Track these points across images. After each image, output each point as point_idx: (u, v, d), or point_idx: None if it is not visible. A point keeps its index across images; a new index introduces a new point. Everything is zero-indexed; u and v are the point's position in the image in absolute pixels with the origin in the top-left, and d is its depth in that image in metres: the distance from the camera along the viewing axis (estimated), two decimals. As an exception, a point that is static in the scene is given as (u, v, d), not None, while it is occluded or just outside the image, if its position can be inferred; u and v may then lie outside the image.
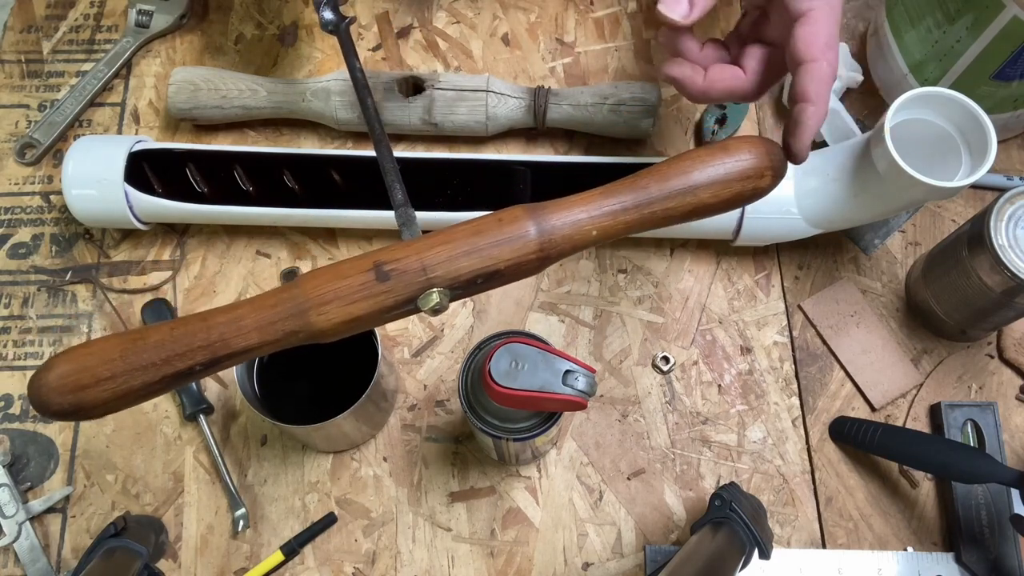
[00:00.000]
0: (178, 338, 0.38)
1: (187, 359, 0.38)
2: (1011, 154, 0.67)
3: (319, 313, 0.39)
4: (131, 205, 0.61)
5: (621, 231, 0.42)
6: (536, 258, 0.40)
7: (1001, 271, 0.52)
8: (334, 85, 0.65)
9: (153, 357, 0.38)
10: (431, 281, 0.39)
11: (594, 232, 0.41)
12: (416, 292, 0.39)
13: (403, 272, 0.39)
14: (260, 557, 0.57)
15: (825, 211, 0.58)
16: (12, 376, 0.62)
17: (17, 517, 0.57)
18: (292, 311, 0.39)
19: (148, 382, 0.38)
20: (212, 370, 0.39)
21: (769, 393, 0.61)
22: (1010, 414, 0.60)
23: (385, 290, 0.39)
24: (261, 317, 0.39)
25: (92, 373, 0.37)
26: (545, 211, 0.41)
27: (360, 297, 0.39)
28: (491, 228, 0.40)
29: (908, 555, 0.56)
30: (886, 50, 0.66)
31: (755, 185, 0.43)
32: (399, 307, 0.40)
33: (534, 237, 0.40)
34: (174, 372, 0.38)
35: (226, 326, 0.38)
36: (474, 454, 0.60)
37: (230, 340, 0.38)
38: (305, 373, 0.57)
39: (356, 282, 0.39)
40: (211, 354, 0.38)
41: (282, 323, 0.39)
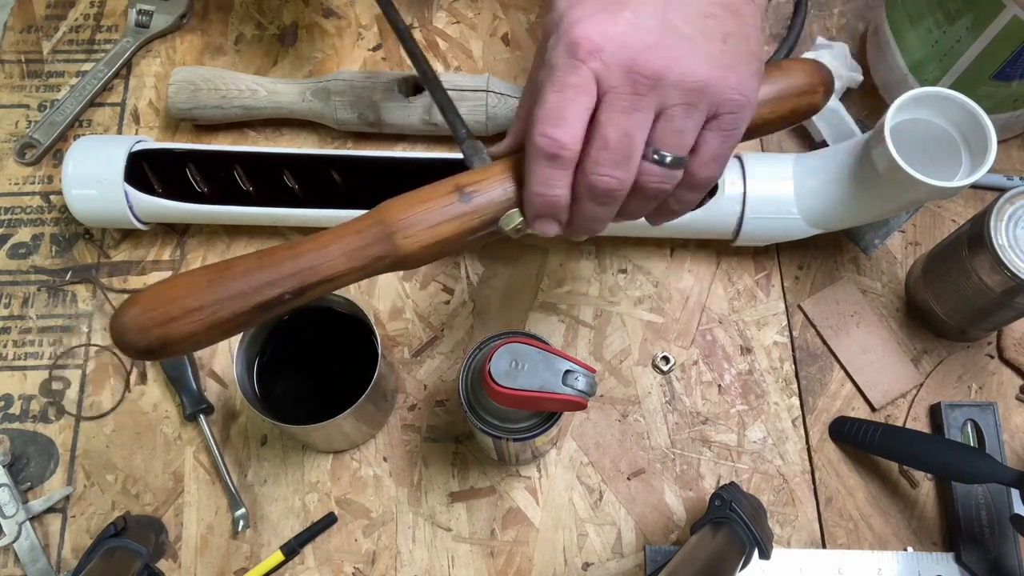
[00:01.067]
0: (266, 266, 0.38)
1: (276, 287, 0.38)
2: (1011, 154, 0.67)
3: (405, 236, 0.39)
4: (131, 205, 0.61)
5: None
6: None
7: (1001, 271, 0.52)
8: (334, 85, 0.65)
9: (242, 286, 0.37)
10: (514, 200, 0.40)
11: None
12: (500, 212, 0.40)
13: (485, 193, 0.40)
14: (260, 557, 0.57)
15: (825, 211, 0.58)
16: (12, 376, 0.62)
17: (17, 517, 0.57)
18: (378, 236, 0.39)
19: (238, 311, 0.37)
20: (301, 299, 0.39)
21: (769, 393, 0.61)
22: (1010, 414, 0.60)
23: (469, 211, 0.40)
24: (347, 243, 0.39)
25: (180, 304, 0.36)
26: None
27: (445, 219, 0.39)
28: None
29: (908, 555, 0.56)
30: (886, 50, 0.66)
31: (810, 100, 0.45)
32: (483, 227, 0.40)
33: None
34: (264, 301, 0.38)
35: (313, 253, 0.38)
36: (474, 454, 0.60)
37: (318, 267, 0.38)
38: (305, 373, 0.57)
39: (440, 204, 0.39)
40: (300, 282, 0.38)
41: (369, 248, 0.39)
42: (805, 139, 0.68)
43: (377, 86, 0.65)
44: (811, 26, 0.73)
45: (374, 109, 0.65)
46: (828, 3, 0.74)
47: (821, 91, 0.45)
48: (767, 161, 0.60)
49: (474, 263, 0.65)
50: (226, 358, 0.63)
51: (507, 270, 0.65)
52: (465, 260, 0.65)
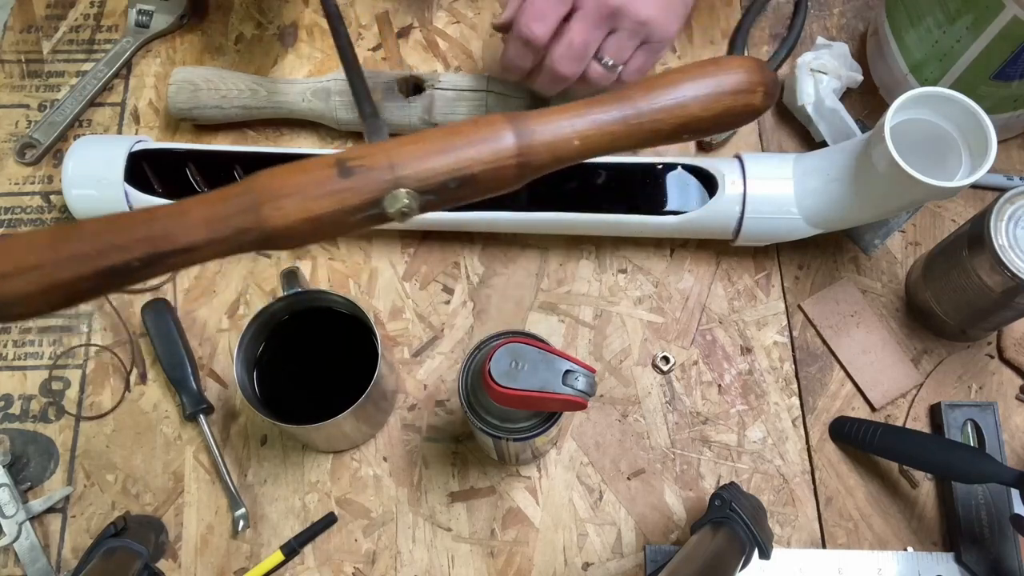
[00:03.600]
0: (117, 229, 0.34)
1: (125, 252, 0.34)
2: (1011, 154, 0.67)
3: (274, 208, 0.35)
4: (131, 205, 0.61)
5: (606, 144, 0.40)
6: (515, 164, 0.38)
7: (1001, 271, 0.52)
8: (334, 85, 0.65)
9: (87, 247, 0.34)
10: (399, 180, 0.36)
11: (576, 142, 0.39)
12: (382, 191, 0.36)
13: (369, 169, 0.36)
14: (260, 557, 0.57)
15: (825, 211, 0.58)
16: (12, 376, 0.62)
17: (17, 517, 0.57)
18: (245, 205, 0.35)
19: (80, 275, 0.34)
20: (153, 270, 0.35)
21: (769, 393, 0.61)
22: (1010, 414, 0.60)
23: (348, 187, 0.36)
24: (211, 211, 0.35)
25: (15, 260, 0.33)
26: (526, 118, 0.39)
27: (321, 193, 0.35)
28: (467, 130, 0.38)
29: (908, 555, 0.56)
30: (886, 50, 0.66)
31: (747, 101, 0.41)
32: (364, 208, 0.36)
33: (513, 142, 0.38)
34: (109, 266, 0.34)
35: (170, 219, 0.35)
36: (474, 454, 0.60)
37: (174, 235, 0.35)
38: (305, 373, 0.57)
39: (317, 177, 0.36)
40: (151, 248, 0.34)
41: (233, 218, 0.35)
42: (805, 139, 0.68)
43: (377, 86, 0.65)
44: (811, 26, 0.73)
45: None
46: (828, 3, 0.74)
47: (760, 91, 0.41)
48: (767, 161, 0.60)
49: (474, 263, 0.65)
50: (226, 358, 0.63)
51: (507, 270, 0.65)
52: (465, 260, 0.65)
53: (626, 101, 0.40)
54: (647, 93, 0.40)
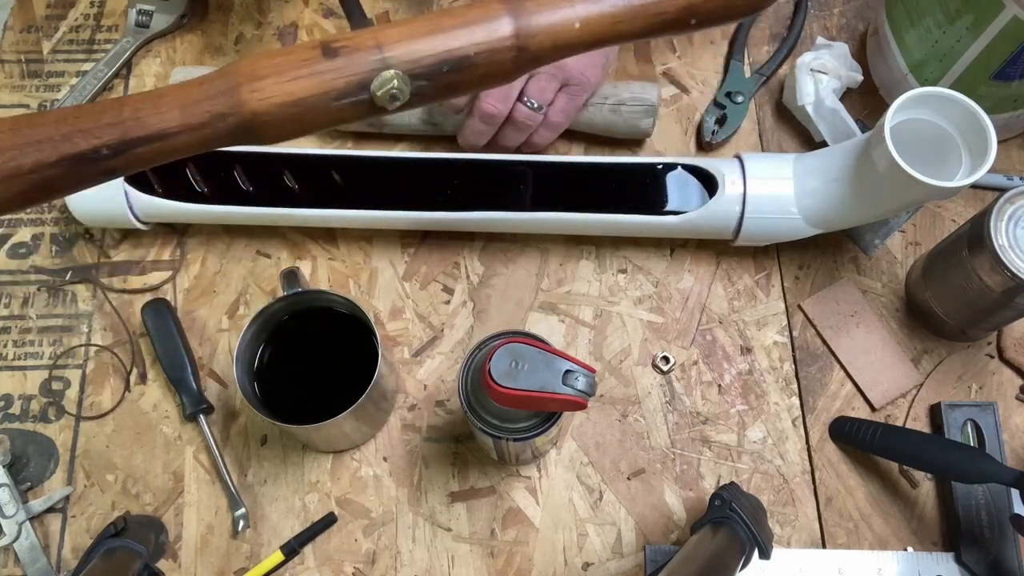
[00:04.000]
0: (84, 112, 0.32)
1: (91, 137, 0.32)
2: (1011, 154, 0.67)
3: (252, 90, 0.33)
4: (131, 205, 0.61)
5: (607, 28, 0.37)
6: (512, 46, 0.36)
7: (1001, 271, 0.52)
8: None
9: (51, 132, 0.32)
10: (387, 60, 0.34)
11: (577, 25, 0.36)
12: (370, 73, 0.34)
13: (355, 49, 0.34)
14: (260, 557, 0.57)
15: (825, 211, 0.58)
16: (12, 376, 0.62)
17: (17, 517, 0.57)
18: (222, 88, 0.33)
19: (42, 162, 0.32)
20: (123, 159, 0.33)
21: (769, 393, 0.61)
22: (1010, 414, 0.60)
23: (333, 67, 0.34)
24: (185, 94, 0.33)
25: None
26: (523, 1, 0.36)
27: (302, 74, 0.33)
28: (461, 11, 0.36)
29: (908, 555, 0.56)
30: (886, 50, 0.66)
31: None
32: (350, 92, 0.34)
33: (509, 23, 0.36)
34: (75, 153, 0.32)
35: (143, 103, 0.33)
36: (474, 454, 0.60)
37: (146, 119, 0.33)
38: (305, 373, 0.57)
39: (299, 57, 0.34)
40: (121, 134, 0.32)
41: (209, 102, 0.33)
42: (805, 139, 0.68)
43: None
44: (811, 26, 0.73)
45: None
46: (828, 3, 0.74)
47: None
48: (767, 161, 0.60)
49: (474, 263, 0.65)
50: (226, 358, 0.63)
51: (507, 270, 0.65)
52: (465, 260, 0.65)
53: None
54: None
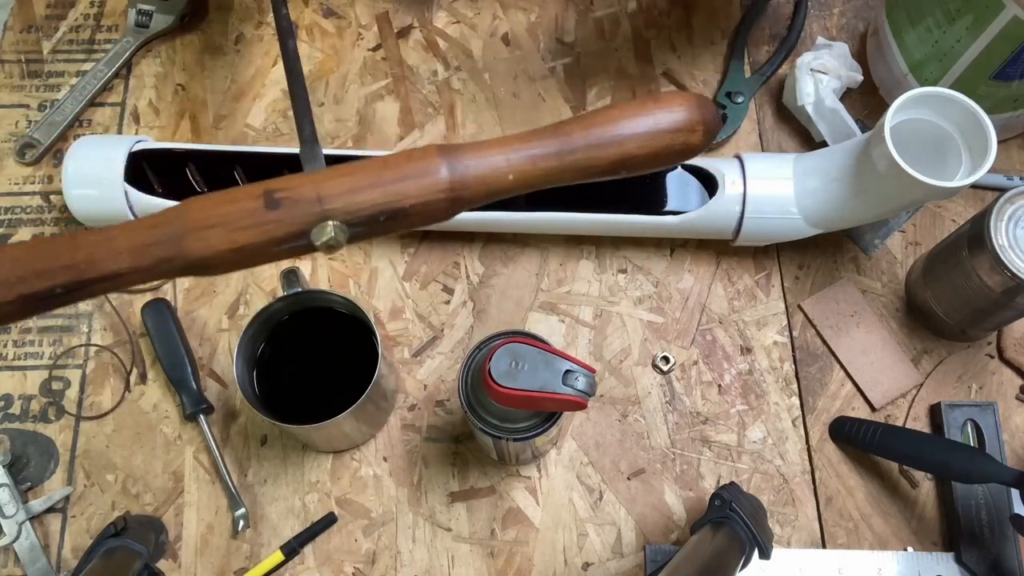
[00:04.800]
0: (40, 255, 0.34)
1: (47, 279, 0.34)
2: (1011, 154, 0.67)
3: (197, 239, 0.35)
4: (131, 205, 0.61)
5: (540, 179, 0.39)
6: (446, 198, 0.37)
7: (1001, 271, 0.52)
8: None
9: (8, 273, 0.34)
10: (326, 212, 0.36)
11: (511, 176, 0.38)
12: (309, 224, 0.36)
13: (296, 201, 0.36)
14: (260, 557, 0.57)
15: (825, 211, 0.58)
16: (12, 376, 0.62)
17: (17, 517, 0.57)
18: (170, 234, 0.35)
19: (1, 300, 0.34)
20: (76, 296, 0.35)
21: (769, 393, 0.61)
22: (1010, 414, 0.60)
23: (274, 219, 0.35)
24: (135, 239, 0.35)
25: None
26: (459, 151, 0.38)
27: (246, 224, 0.35)
28: (398, 163, 0.37)
29: (908, 555, 0.56)
30: (886, 50, 0.66)
31: (686, 140, 0.40)
32: (289, 239, 0.36)
33: (445, 176, 0.37)
34: (31, 292, 0.34)
35: (95, 246, 0.35)
36: (474, 454, 0.60)
37: (98, 261, 0.35)
38: (305, 373, 0.57)
39: (243, 208, 0.35)
40: (75, 275, 0.34)
41: (158, 247, 0.35)
42: (805, 139, 0.68)
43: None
44: (811, 26, 0.73)
45: None
46: (828, 3, 0.74)
47: (700, 131, 0.40)
48: (767, 161, 0.60)
49: (474, 263, 0.65)
50: (226, 358, 0.63)
51: (507, 270, 0.65)
52: (465, 260, 0.65)
53: (562, 136, 0.39)
54: (585, 129, 0.39)
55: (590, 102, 0.70)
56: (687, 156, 0.41)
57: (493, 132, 0.69)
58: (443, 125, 0.70)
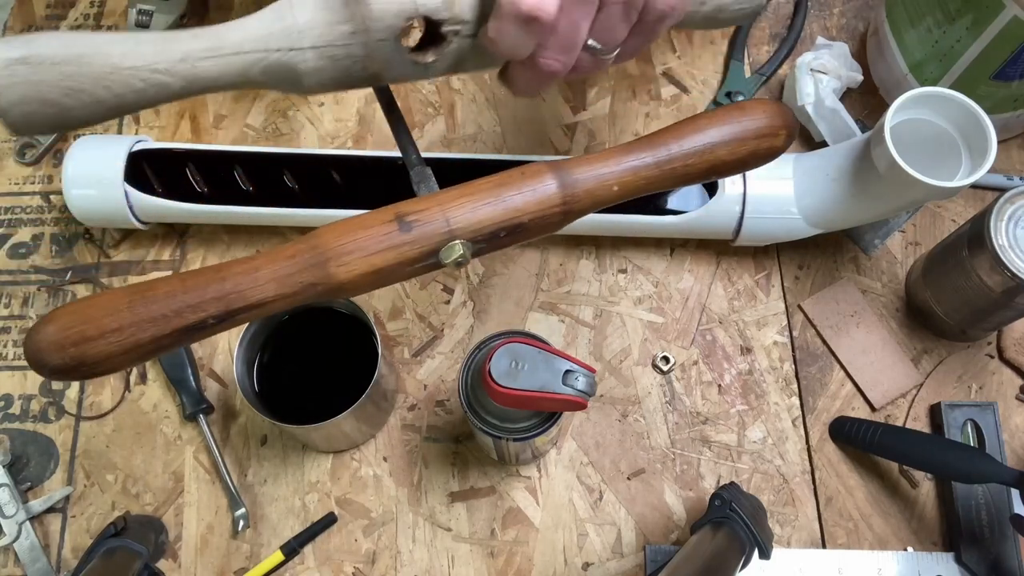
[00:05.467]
0: (190, 289, 0.36)
1: (199, 311, 0.36)
2: (1011, 154, 0.67)
3: (339, 264, 0.37)
4: (131, 205, 0.61)
5: (642, 187, 0.42)
6: (560, 211, 0.40)
7: (1001, 271, 0.52)
8: (300, 58, 0.41)
9: (163, 308, 0.36)
10: (453, 233, 0.39)
11: (615, 187, 0.41)
12: (439, 244, 0.39)
13: (426, 223, 0.38)
14: (260, 557, 0.57)
15: (825, 211, 0.58)
16: (12, 376, 0.62)
17: (17, 517, 0.57)
18: (311, 262, 0.37)
19: (158, 335, 0.36)
20: (226, 324, 0.37)
21: (769, 393, 0.61)
22: (1010, 414, 0.60)
23: (408, 241, 0.38)
24: (278, 268, 0.37)
25: (97, 325, 0.35)
26: (567, 166, 0.41)
27: (382, 248, 0.38)
28: (514, 181, 0.40)
29: (908, 555, 0.56)
30: (886, 50, 0.66)
31: (770, 144, 0.44)
32: (422, 259, 0.39)
33: (557, 191, 0.40)
34: (185, 325, 0.36)
35: (241, 277, 0.37)
36: (474, 454, 0.60)
37: (245, 292, 0.37)
38: (305, 373, 0.57)
39: (378, 233, 0.38)
40: (225, 306, 0.36)
41: (300, 274, 0.37)
42: (805, 139, 0.68)
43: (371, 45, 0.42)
44: (811, 26, 0.73)
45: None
46: (828, 3, 0.74)
47: (783, 134, 0.44)
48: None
49: (474, 263, 0.65)
50: (226, 358, 0.63)
51: (507, 270, 0.65)
52: (465, 260, 0.65)
53: (660, 146, 0.42)
54: (679, 139, 0.42)
55: (590, 102, 0.70)
56: (771, 158, 0.44)
57: (493, 132, 0.69)
58: (443, 125, 0.70)
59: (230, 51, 0.42)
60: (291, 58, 0.41)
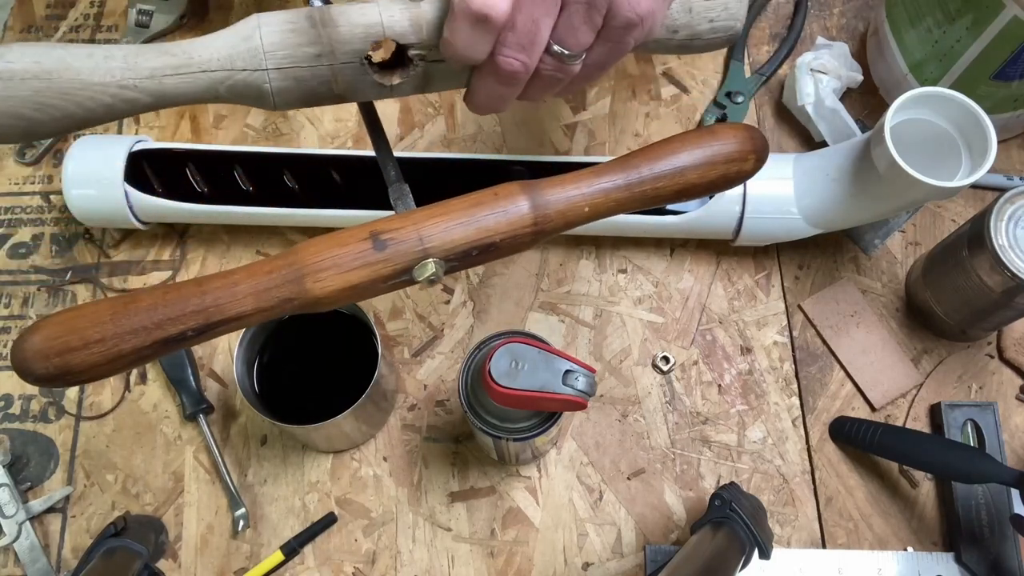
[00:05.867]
0: (171, 302, 0.37)
1: (179, 324, 0.37)
2: (1011, 154, 0.67)
3: (315, 280, 0.38)
4: (131, 205, 0.61)
5: (612, 208, 0.43)
6: (531, 232, 0.41)
7: (1001, 271, 0.52)
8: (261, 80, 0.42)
9: (145, 321, 0.37)
10: (427, 251, 0.40)
11: (586, 208, 0.42)
12: (412, 262, 0.40)
13: (400, 242, 0.39)
14: (260, 557, 0.57)
15: (825, 211, 0.58)
16: (12, 376, 0.62)
17: (17, 517, 0.57)
18: (288, 278, 0.38)
19: (139, 346, 0.37)
20: (204, 337, 0.38)
21: (769, 393, 0.61)
22: (1010, 414, 0.60)
23: (382, 259, 0.39)
24: (256, 283, 0.38)
25: (81, 335, 0.36)
26: (540, 187, 0.42)
27: (357, 265, 0.39)
28: (487, 201, 0.41)
29: (908, 555, 0.56)
30: (886, 50, 0.66)
31: (739, 168, 0.44)
32: (395, 276, 0.40)
33: (528, 211, 0.41)
34: (165, 337, 0.37)
35: (220, 291, 0.38)
36: (474, 454, 0.60)
37: (224, 306, 0.38)
38: (305, 373, 0.57)
39: (353, 250, 0.39)
40: (204, 319, 0.38)
41: (277, 290, 0.38)
42: (805, 139, 0.68)
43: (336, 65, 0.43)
44: (811, 26, 0.73)
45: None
46: (828, 3, 0.74)
47: (752, 159, 0.44)
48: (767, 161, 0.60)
49: (474, 263, 0.65)
50: (226, 358, 0.63)
51: (507, 270, 0.65)
52: (465, 260, 0.65)
53: (631, 169, 0.43)
54: (650, 162, 0.43)
55: (590, 102, 0.70)
56: (740, 182, 0.45)
57: (493, 132, 0.69)
58: (443, 125, 0.70)
59: (197, 69, 0.42)
60: (256, 78, 0.42)
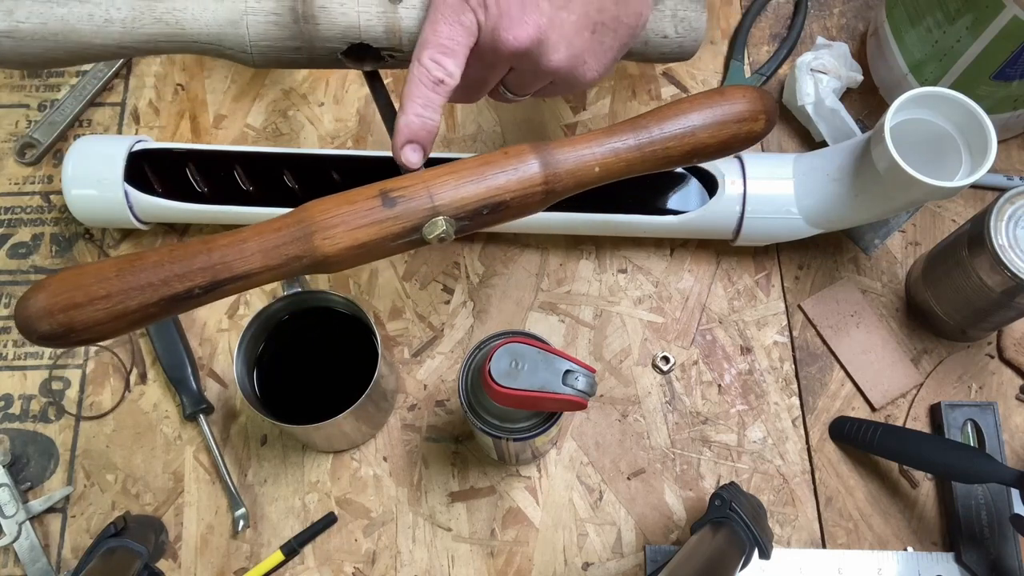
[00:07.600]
0: (177, 258, 0.37)
1: (186, 280, 0.37)
2: (1011, 154, 0.67)
3: (324, 237, 0.38)
4: (131, 205, 0.61)
5: (623, 169, 0.43)
6: (541, 191, 0.41)
7: (1001, 271, 0.52)
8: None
9: (151, 277, 0.36)
10: (437, 209, 0.39)
11: (597, 168, 0.42)
12: (422, 220, 0.39)
13: (410, 199, 0.39)
14: (260, 557, 0.57)
15: (825, 211, 0.58)
16: (12, 376, 0.62)
17: (17, 517, 0.57)
18: (297, 235, 0.38)
19: (145, 303, 0.36)
20: (213, 295, 0.38)
21: (769, 393, 0.61)
22: (1010, 414, 0.60)
23: (391, 216, 0.39)
24: (265, 240, 0.38)
25: (86, 291, 0.36)
26: (550, 147, 0.42)
27: (366, 223, 0.39)
28: (498, 160, 0.41)
29: (908, 555, 0.56)
30: (886, 50, 0.66)
31: (750, 128, 0.44)
32: (405, 235, 0.40)
33: (539, 170, 0.41)
34: (172, 294, 0.37)
35: (228, 248, 0.38)
36: (474, 454, 0.60)
37: (232, 263, 0.38)
38: (305, 373, 0.57)
39: (363, 207, 0.39)
40: (211, 276, 0.37)
41: (286, 247, 0.38)
42: (805, 139, 0.68)
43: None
44: (811, 26, 0.73)
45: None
46: (828, 3, 0.74)
47: (763, 119, 0.45)
48: (767, 161, 0.60)
49: (474, 263, 0.65)
50: (226, 358, 0.63)
51: (507, 270, 0.65)
52: (465, 260, 0.65)
53: (641, 129, 0.43)
54: (660, 122, 0.43)
55: (590, 101, 0.70)
56: (751, 142, 0.45)
57: (493, 132, 0.69)
58: (443, 125, 0.70)
59: (189, 39, 0.47)
60: (242, 57, 0.48)
